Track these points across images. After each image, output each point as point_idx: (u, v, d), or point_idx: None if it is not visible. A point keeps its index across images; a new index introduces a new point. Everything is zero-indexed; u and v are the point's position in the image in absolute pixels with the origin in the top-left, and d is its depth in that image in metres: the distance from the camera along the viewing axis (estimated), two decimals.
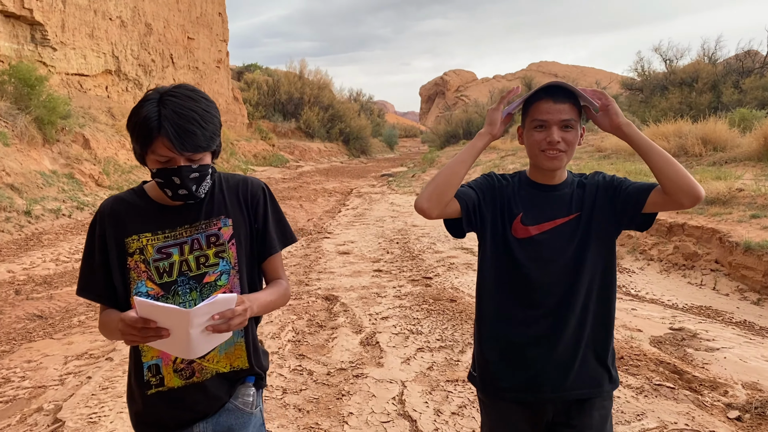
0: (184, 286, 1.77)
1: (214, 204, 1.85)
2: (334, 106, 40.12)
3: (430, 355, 4.79)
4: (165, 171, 1.68)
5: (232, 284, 1.82)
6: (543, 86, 1.91)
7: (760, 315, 6.14)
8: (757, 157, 12.09)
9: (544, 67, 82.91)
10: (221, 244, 1.81)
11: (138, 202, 1.81)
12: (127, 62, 20.68)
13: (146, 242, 1.75)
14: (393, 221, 12.66)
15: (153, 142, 1.63)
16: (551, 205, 1.99)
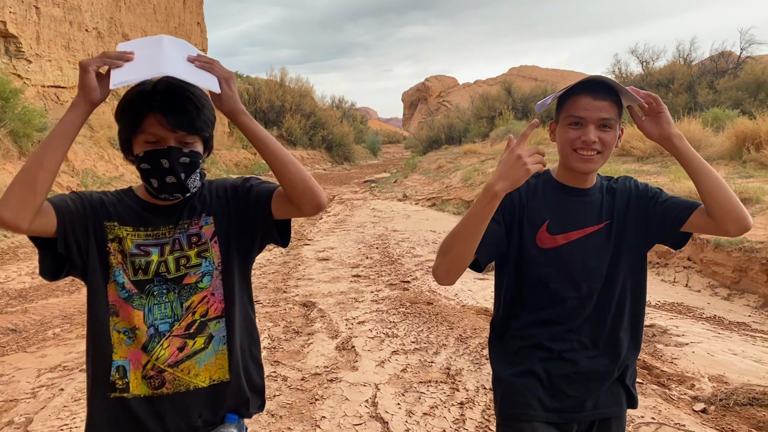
0: (161, 287, 1.64)
1: (197, 203, 1.72)
2: (316, 114, 40.15)
3: (404, 357, 4.83)
4: (153, 153, 1.55)
5: (214, 286, 1.69)
6: (583, 80, 1.71)
7: (730, 310, 6.26)
8: (729, 156, 12.32)
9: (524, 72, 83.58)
10: (203, 243, 1.69)
11: (123, 197, 1.70)
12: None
13: (125, 234, 1.63)
14: (374, 227, 12.70)
15: (144, 119, 1.53)
16: (580, 212, 1.81)
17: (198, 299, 1.68)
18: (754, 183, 9.45)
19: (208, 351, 1.67)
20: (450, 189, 18.12)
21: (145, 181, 1.61)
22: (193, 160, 1.60)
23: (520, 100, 34.89)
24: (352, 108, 61.38)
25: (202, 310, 1.68)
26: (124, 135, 1.60)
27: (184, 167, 1.58)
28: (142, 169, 1.58)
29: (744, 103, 19.98)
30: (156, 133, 1.53)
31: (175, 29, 25.77)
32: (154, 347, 1.62)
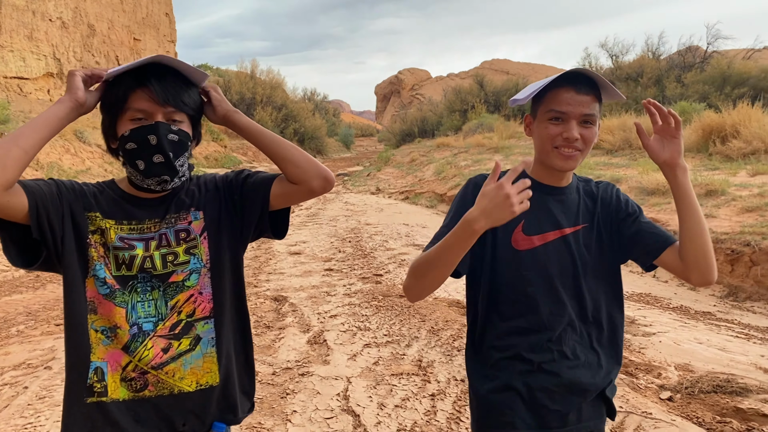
0: (145, 284, 1.54)
1: (186, 197, 1.64)
2: (288, 106, 39.82)
3: (376, 350, 4.82)
4: (139, 129, 1.47)
5: (201, 285, 1.60)
6: (565, 72, 1.62)
7: (696, 300, 6.38)
8: (696, 148, 12.55)
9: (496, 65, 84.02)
10: (192, 239, 1.60)
11: (105, 189, 1.60)
12: (69, 64, 20.12)
13: (108, 227, 1.53)
14: (346, 220, 12.67)
15: (130, 94, 1.46)
16: (556, 211, 1.72)
17: (184, 298, 1.59)
18: (720, 175, 9.64)
19: (194, 353, 1.58)
20: (423, 182, 18.15)
21: (131, 165, 1.50)
22: (182, 139, 1.51)
23: (492, 93, 35.06)
24: (324, 101, 61.08)
25: (188, 309, 1.59)
26: (109, 118, 1.52)
27: (172, 145, 1.49)
28: (127, 151, 1.49)
29: (710, 97, 20.34)
30: (143, 108, 1.47)
31: (142, 20, 25.32)
32: (137, 347, 1.53)
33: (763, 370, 4.27)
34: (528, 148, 18.48)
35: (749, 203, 7.62)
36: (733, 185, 8.66)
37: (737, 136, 11.65)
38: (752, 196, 7.94)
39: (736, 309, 6.14)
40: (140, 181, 1.53)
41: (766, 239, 6.44)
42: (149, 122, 1.47)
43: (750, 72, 22.35)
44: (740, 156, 11.09)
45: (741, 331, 5.36)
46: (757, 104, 13.29)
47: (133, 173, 1.53)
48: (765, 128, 11.34)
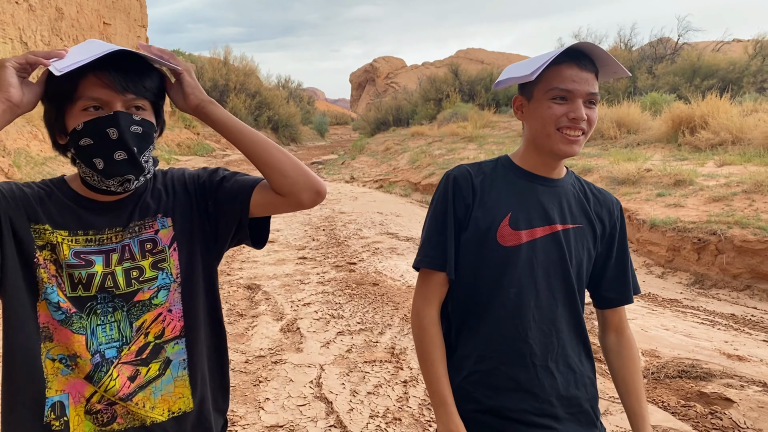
0: (106, 305, 1.32)
1: (152, 200, 1.42)
2: (262, 93, 39.43)
3: (349, 338, 4.84)
4: (96, 122, 1.24)
5: (171, 301, 1.40)
6: (568, 47, 1.46)
7: (663, 287, 6.52)
8: (666, 139, 12.75)
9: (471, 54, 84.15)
10: (160, 251, 1.38)
11: (53, 191, 1.35)
12: (36, 48, 19.63)
13: (61, 240, 1.29)
14: (320, 209, 12.61)
15: (81, 80, 1.23)
16: (548, 204, 1.56)
17: (151, 318, 1.38)
18: (688, 165, 9.82)
19: (164, 378, 1.39)
20: (397, 171, 18.16)
21: (86, 164, 1.27)
22: (146, 131, 1.29)
23: (467, 82, 35.12)
24: (298, 88, 60.56)
25: (156, 330, 1.39)
26: (54, 109, 1.28)
27: (136, 138, 1.27)
28: (82, 148, 1.26)
29: (681, 88, 20.66)
30: (98, 97, 1.24)
31: (112, 3, 24.83)
32: (101, 378, 1.32)
33: (727, 356, 4.39)
34: (503, 138, 18.59)
35: (716, 193, 7.79)
36: (701, 175, 8.83)
37: (706, 127, 11.86)
38: (719, 186, 8.11)
39: (702, 296, 6.29)
40: (98, 182, 1.31)
41: (731, 228, 6.59)
42: (106, 112, 1.25)
43: (719, 64, 22.75)
44: (708, 147, 11.30)
45: (706, 317, 5.49)
46: (725, 96, 13.53)
47: (89, 173, 1.30)
48: (732, 120, 11.57)
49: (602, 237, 1.62)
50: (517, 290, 1.52)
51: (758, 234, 6.28)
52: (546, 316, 1.54)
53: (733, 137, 11.14)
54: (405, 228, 10.02)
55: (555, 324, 1.55)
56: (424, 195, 14.54)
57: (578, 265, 1.57)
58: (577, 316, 1.59)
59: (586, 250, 1.58)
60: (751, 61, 22.32)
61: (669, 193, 8.28)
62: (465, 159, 15.24)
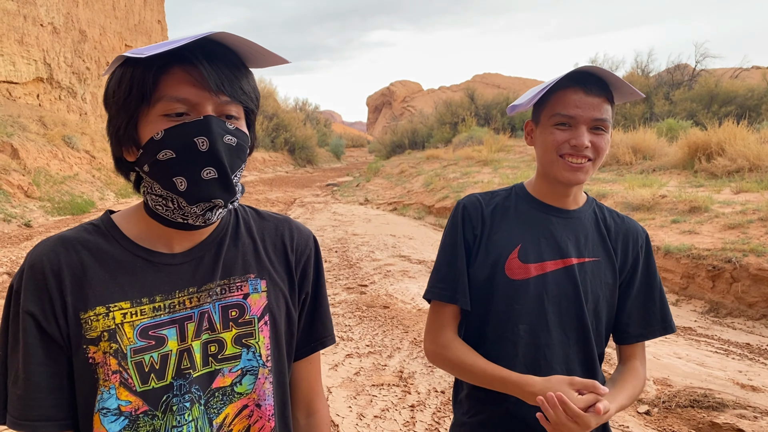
0: (182, 397, 1.01)
1: (238, 253, 1.12)
2: (279, 116, 39.89)
3: (358, 360, 4.82)
4: (183, 128, 0.95)
5: (260, 393, 1.09)
6: (572, 71, 1.40)
7: (677, 315, 6.42)
8: (682, 165, 12.67)
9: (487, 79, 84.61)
10: (247, 323, 1.08)
11: (104, 246, 1.03)
12: (60, 70, 20.08)
13: (121, 319, 0.99)
14: (334, 230, 12.66)
15: (162, 76, 0.96)
16: (561, 237, 1.48)
17: (234, 411, 1.07)
18: (704, 192, 9.74)
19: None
20: (411, 194, 18.19)
21: (164, 184, 0.99)
22: (241, 143, 1.01)
23: (483, 106, 35.29)
24: (316, 111, 61.21)
25: (240, 427, 1.08)
26: (125, 115, 0.98)
27: (229, 153, 0.98)
28: (158, 163, 0.97)
29: (698, 115, 20.60)
30: (185, 97, 0.96)
31: (134, 27, 25.35)
32: None
33: (740, 386, 4.31)
34: (518, 162, 18.60)
35: (732, 220, 7.70)
36: (716, 202, 8.75)
37: (722, 154, 11.77)
38: (735, 213, 8.03)
39: (717, 325, 6.20)
40: (173, 212, 1.01)
41: (746, 256, 6.51)
42: (195, 117, 0.97)
43: (737, 91, 22.67)
44: (725, 173, 11.21)
45: (720, 346, 5.41)
46: (743, 122, 13.45)
47: (164, 198, 1.01)
48: (750, 147, 11.48)
49: (623, 269, 1.52)
50: (527, 326, 1.45)
51: None
52: (557, 355, 1.45)
53: (750, 164, 11.05)
54: (417, 251, 10.01)
55: (567, 364, 1.46)
56: (437, 218, 14.53)
57: (595, 301, 1.47)
58: (590, 355, 1.48)
59: (605, 285, 1.49)
60: None
61: (684, 220, 8.21)
62: (479, 182, 15.24)
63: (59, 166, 16.13)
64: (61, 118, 18.83)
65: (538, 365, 1.45)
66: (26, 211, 12.63)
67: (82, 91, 21.37)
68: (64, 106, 20.33)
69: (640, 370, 1.54)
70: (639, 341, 1.54)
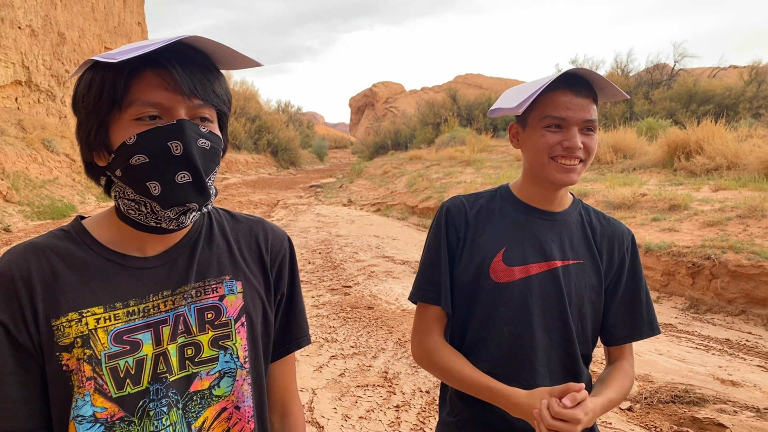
0: (159, 401, 1.00)
1: (213, 255, 1.11)
2: (262, 118, 39.76)
3: (343, 362, 4.82)
4: (155, 132, 0.95)
5: (239, 395, 1.09)
6: (562, 73, 1.39)
7: (658, 312, 6.45)
8: (661, 164, 12.82)
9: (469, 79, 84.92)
10: (224, 325, 1.07)
11: (76, 252, 1.02)
12: (38, 72, 19.84)
13: (94, 324, 0.98)
14: (317, 232, 12.64)
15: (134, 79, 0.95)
16: (545, 239, 1.48)
17: (213, 414, 1.07)
18: (684, 190, 9.86)
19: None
20: (395, 194, 18.21)
21: (137, 189, 0.98)
22: (215, 147, 1.01)
23: (465, 107, 35.40)
24: (298, 112, 61.07)
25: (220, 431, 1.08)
26: (95, 119, 0.97)
27: (203, 156, 0.98)
28: (131, 168, 0.97)
29: (677, 114, 20.84)
30: (158, 101, 0.95)
31: (114, 29, 25.12)
32: None
33: (720, 381, 4.37)
34: (500, 162, 18.68)
35: (711, 218, 7.81)
36: (695, 200, 8.86)
37: (701, 152, 11.93)
38: (714, 210, 8.14)
39: (697, 321, 6.28)
40: (146, 216, 1.01)
41: (725, 253, 6.60)
42: (167, 121, 0.96)
43: (715, 90, 22.96)
44: (704, 172, 11.36)
45: (701, 342, 5.48)
46: (721, 121, 13.63)
47: (138, 203, 1.00)
48: (727, 145, 11.64)
49: (608, 271, 1.52)
50: (511, 329, 1.45)
51: (752, 259, 6.29)
52: (540, 357, 1.45)
53: (729, 162, 11.20)
54: (401, 251, 10.03)
55: (549, 365, 1.47)
56: (421, 218, 14.57)
57: (579, 303, 1.47)
58: (572, 357, 1.49)
59: (590, 287, 1.49)
60: (747, 87, 22.54)
61: (664, 218, 8.31)
62: (462, 183, 15.29)
63: (39, 170, 15.94)
64: (40, 122, 18.60)
65: (521, 367, 1.45)
66: (5, 215, 12.46)
67: (61, 94, 21.12)
68: (44, 109, 20.09)
69: (628, 368, 1.56)
70: (626, 343, 1.56)
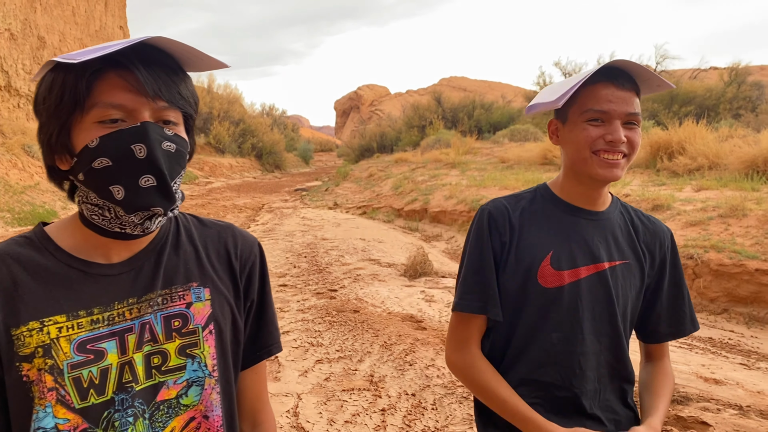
0: (125, 412, 0.98)
1: (180, 261, 1.09)
2: (246, 121, 39.56)
3: (328, 366, 4.79)
4: (119, 135, 0.92)
5: (207, 404, 1.06)
6: (603, 66, 1.35)
7: None
8: (644, 164, 12.94)
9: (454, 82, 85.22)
10: (191, 333, 1.05)
11: (37, 259, 0.99)
12: (18, 77, 19.60)
13: (56, 333, 0.94)
14: (303, 235, 12.59)
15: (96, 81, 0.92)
16: (592, 241, 1.44)
17: (180, 425, 1.04)
18: (666, 190, 9.96)
19: None
20: (381, 197, 18.22)
21: (100, 194, 0.96)
22: (180, 150, 0.99)
23: (450, 109, 35.52)
24: (283, 115, 60.91)
25: None
26: (55, 122, 0.95)
27: (168, 159, 0.96)
28: (94, 172, 0.94)
29: (659, 115, 21.04)
30: (121, 103, 0.93)
31: (96, 33, 24.91)
32: None
33: (704, 379, 4.40)
34: (485, 164, 18.76)
35: (693, 217, 7.88)
36: (678, 200, 8.94)
37: (683, 153, 12.06)
38: (696, 210, 8.22)
39: None
40: (110, 221, 0.99)
41: (707, 252, 6.66)
42: (130, 124, 0.94)
43: (696, 91, 23.25)
44: (686, 172, 11.48)
45: (684, 341, 5.52)
46: (702, 122, 13.79)
47: (102, 207, 0.98)
48: (709, 145, 11.78)
49: (651, 271, 1.50)
50: (560, 335, 1.41)
51: (734, 258, 6.35)
52: (591, 363, 1.42)
53: (710, 162, 11.33)
54: (387, 254, 10.01)
55: (599, 370, 1.44)
56: (407, 221, 14.57)
57: (624, 305, 1.45)
58: (622, 362, 1.47)
59: (634, 288, 1.47)
60: (727, 88, 22.82)
61: None
62: (448, 185, 15.31)
63: (19, 176, 15.75)
64: (20, 127, 18.37)
65: (571, 373, 1.41)
66: None
67: None
68: (23, 114, 19.85)
69: (669, 368, 1.56)
70: (670, 340, 1.56)
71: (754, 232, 6.99)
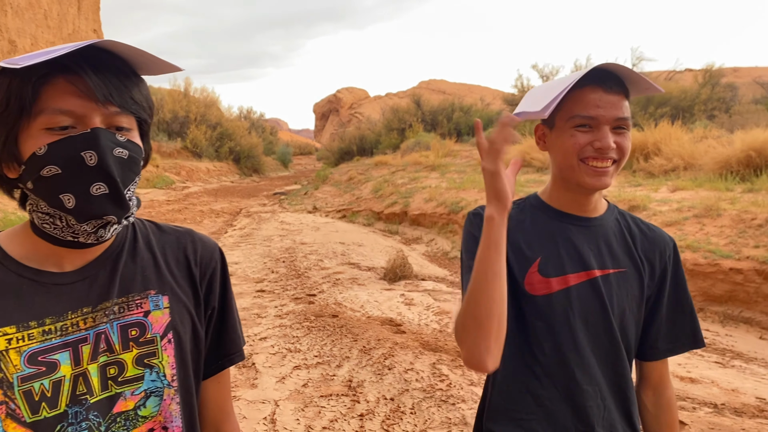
0: (79, 425, 0.94)
1: (137, 268, 1.05)
2: (223, 125, 39.23)
3: (306, 372, 4.74)
4: (68, 142, 0.89)
5: (166, 414, 1.03)
6: (590, 69, 1.29)
7: None
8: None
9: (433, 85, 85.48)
10: (149, 342, 1.02)
11: None
12: None
13: (6, 345, 0.91)
14: (281, 240, 12.51)
15: (44, 86, 0.89)
16: (583, 247, 1.38)
17: None
18: (642, 191, 10.05)
19: None
20: (360, 200, 18.17)
21: (50, 202, 0.93)
22: (133, 156, 0.96)
23: (429, 112, 35.59)
24: (261, 119, 60.55)
25: None
26: (2, 130, 0.92)
27: (121, 165, 0.93)
28: (43, 180, 0.91)
29: (635, 116, 21.28)
30: (69, 109, 0.90)
31: (68, 36, 24.58)
32: None
33: (680, 378, 4.43)
34: (464, 166, 18.80)
35: (669, 218, 7.96)
36: (654, 201, 9.03)
37: (659, 154, 12.19)
38: (671, 211, 8.30)
39: None
40: (62, 230, 0.96)
41: (683, 252, 6.72)
42: (81, 130, 0.91)
43: (671, 92, 23.51)
44: (662, 172, 11.60)
45: None
46: (677, 123, 13.96)
47: (53, 216, 0.95)
48: (684, 146, 11.92)
49: (650, 281, 1.42)
50: (552, 344, 1.35)
51: (709, 257, 6.42)
52: (589, 376, 1.35)
53: (685, 163, 11.46)
54: (367, 257, 9.98)
55: (599, 384, 1.36)
56: (387, 224, 14.55)
57: (621, 315, 1.37)
58: (621, 376, 1.39)
59: (632, 298, 1.39)
60: (701, 89, 23.14)
61: None
62: (427, 187, 15.32)
63: None
64: None
65: (570, 386, 1.35)
66: None
67: None
68: None
69: (673, 398, 1.48)
70: (666, 357, 1.46)
71: (728, 232, 7.08)
